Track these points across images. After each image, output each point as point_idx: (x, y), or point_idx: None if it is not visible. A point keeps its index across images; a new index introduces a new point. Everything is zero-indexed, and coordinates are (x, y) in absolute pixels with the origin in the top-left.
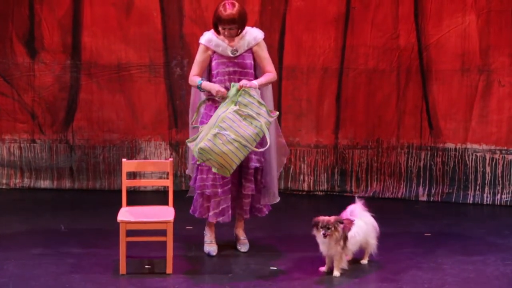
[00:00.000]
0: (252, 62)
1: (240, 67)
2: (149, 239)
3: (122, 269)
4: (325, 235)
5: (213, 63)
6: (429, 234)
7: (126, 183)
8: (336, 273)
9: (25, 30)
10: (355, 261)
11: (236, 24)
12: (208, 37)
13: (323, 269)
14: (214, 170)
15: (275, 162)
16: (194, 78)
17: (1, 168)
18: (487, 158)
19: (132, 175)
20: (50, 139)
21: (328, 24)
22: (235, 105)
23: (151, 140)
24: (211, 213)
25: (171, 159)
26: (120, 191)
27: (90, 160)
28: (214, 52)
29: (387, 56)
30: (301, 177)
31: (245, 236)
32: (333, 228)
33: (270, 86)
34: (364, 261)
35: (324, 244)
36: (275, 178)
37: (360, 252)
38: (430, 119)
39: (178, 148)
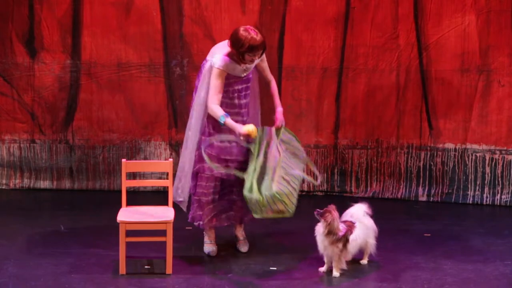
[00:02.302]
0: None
1: (246, 83)
2: (148, 240)
3: (122, 269)
4: (317, 214)
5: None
6: (429, 234)
7: (125, 183)
8: (336, 273)
9: (25, 30)
10: (354, 261)
11: (264, 48)
12: (224, 62)
13: (322, 269)
14: (272, 216)
15: None
16: (217, 110)
17: (1, 168)
18: (487, 158)
19: (132, 175)
20: (50, 139)
21: (327, 24)
22: (279, 144)
23: (150, 140)
24: (205, 221)
25: (171, 159)
26: (119, 191)
27: (90, 160)
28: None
29: (386, 56)
30: None
31: (245, 236)
32: (325, 222)
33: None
34: (364, 261)
35: (320, 243)
36: None
37: (360, 253)
38: (430, 119)
39: (178, 148)
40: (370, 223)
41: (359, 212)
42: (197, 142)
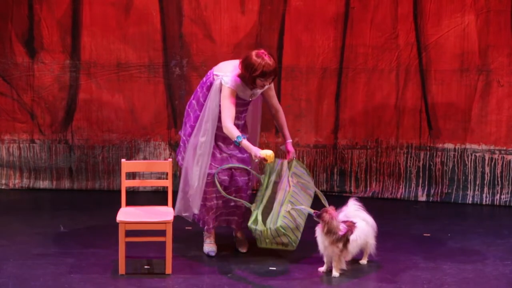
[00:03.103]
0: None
1: (247, 106)
2: (148, 240)
3: (121, 269)
4: (315, 215)
5: None
6: (428, 234)
7: (125, 183)
8: (335, 273)
9: (25, 30)
10: (354, 261)
11: (276, 74)
12: (236, 83)
13: (322, 269)
14: (275, 247)
15: None
16: (233, 131)
17: (0, 168)
18: (486, 158)
19: (131, 175)
20: (49, 139)
21: (327, 24)
22: (291, 176)
23: (150, 140)
24: (211, 226)
25: (170, 159)
26: (119, 191)
27: (89, 160)
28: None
29: (386, 56)
30: None
31: (245, 236)
32: (323, 222)
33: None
34: (364, 261)
35: (321, 243)
36: None
37: (359, 253)
38: (429, 119)
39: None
40: (370, 221)
41: (350, 211)
42: (210, 155)
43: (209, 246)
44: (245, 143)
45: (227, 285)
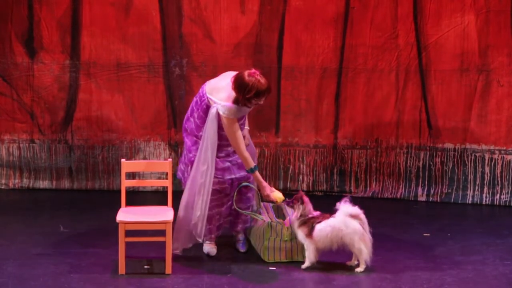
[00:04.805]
0: None
1: (244, 115)
2: (148, 239)
3: (121, 269)
4: (287, 202)
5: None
6: (428, 234)
7: (125, 184)
8: (304, 265)
9: (24, 30)
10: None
11: (269, 92)
12: (233, 111)
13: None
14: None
15: None
16: (249, 159)
17: (0, 168)
18: (486, 158)
19: (131, 175)
20: (49, 139)
21: (327, 24)
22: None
23: (150, 140)
24: (213, 235)
25: (170, 159)
26: (119, 191)
27: (89, 160)
28: None
29: (386, 56)
30: (300, 177)
31: (244, 236)
32: (295, 203)
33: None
34: (359, 269)
35: (292, 222)
36: None
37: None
38: (429, 119)
39: (177, 148)
40: (352, 224)
41: (343, 212)
42: (211, 183)
43: (209, 246)
44: (258, 176)
45: (227, 285)
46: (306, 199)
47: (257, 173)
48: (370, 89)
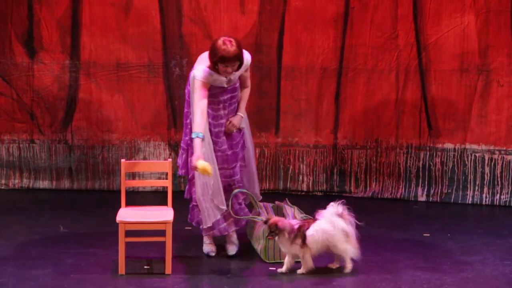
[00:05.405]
0: (239, 84)
1: (232, 92)
2: (148, 240)
3: (121, 269)
4: (268, 237)
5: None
6: (428, 235)
7: (125, 184)
8: (300, 271)
9: (24, 30)
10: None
11: (238, 61)
12: (205, 73)
13: (281, 270)
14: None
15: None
16: (197, 125)
17: (0, 168)
18: (486, 158)
19: (131, 176)
20: (49, 139)
21: (327, 24)
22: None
23: (150, 141)
24: (230, 231)
25: (170, 159)
26: (119, 191)
27: (89, 160)
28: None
29: (386, 56)
30: (300, 178)
31: (236, 237)
32: (275, 232)
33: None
34: (346, 270)
35: (284, 248)
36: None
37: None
38: (429, 119)
39: (177, 148)
40: (338, 223)
41: (325, 213)
42: (211, 144)
43: (208, 247)
44: (196, 144)
45: (227, 285)
46: (280, 224)
47: (196, 140)
48: (370, 89)
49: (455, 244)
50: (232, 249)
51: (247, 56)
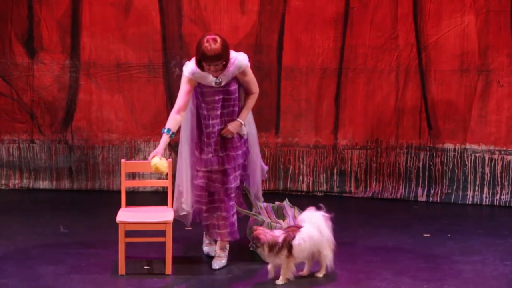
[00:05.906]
0: (237, 87)
1: (225, 94)
2: (148, 240)
3: (121, 269)
4: (251, 247)
5: (199, 93)
6: (428, 235)
7: (125, 184)
8: (279, 281)
9: (24, 30)
10: (354, 262)
11: (221, 60)
12: (192, 69)
13: (278, 282)
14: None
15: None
16: (169, 120)
17: (0, 168)
18: (486, 158)
19: (131, 176)
20: (49, 139)
21: (327, 24)
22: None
23: (150, 141)
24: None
25: (170, 159)
26: (119, 191)
27: (89, 161)
28: (198, 82)
29: (386, 56)
30: (300, 178)
31: (223, 249)
32: (256, 245)
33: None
34: (319, 275)
35: (263, 257)
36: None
37: (316, 264)
38: (429, 120)
39: (177, 149)
40: (324, 231)
41: (306, 218)
42: (188, 151)
43: (208, 247)
44: (163, 140)
45: (227, 285)
46: (262, 237)
47: (164, 137)
48: (370, 90)
49: (455, 244)
50: (215, 264)
51: (241, 58)
